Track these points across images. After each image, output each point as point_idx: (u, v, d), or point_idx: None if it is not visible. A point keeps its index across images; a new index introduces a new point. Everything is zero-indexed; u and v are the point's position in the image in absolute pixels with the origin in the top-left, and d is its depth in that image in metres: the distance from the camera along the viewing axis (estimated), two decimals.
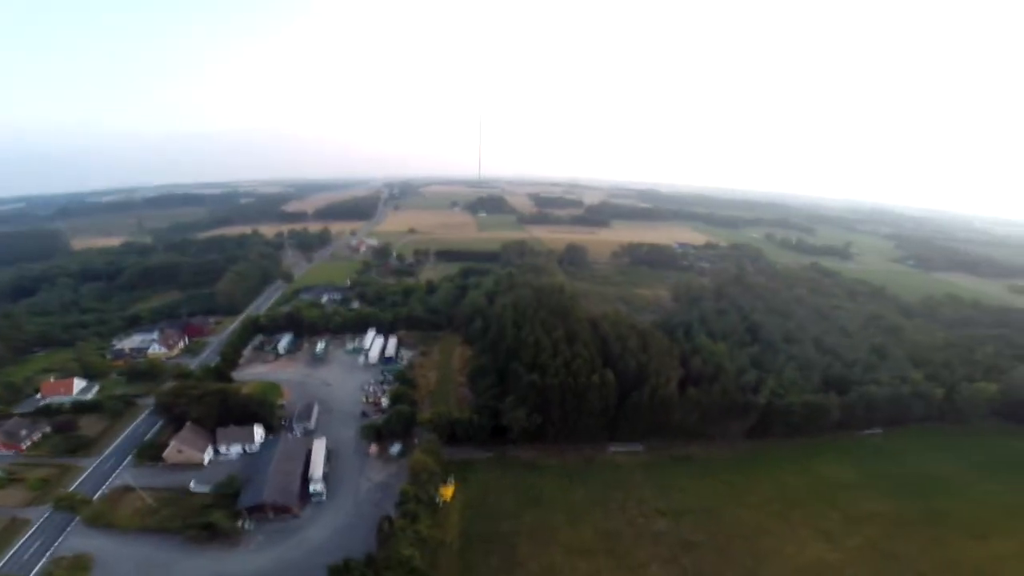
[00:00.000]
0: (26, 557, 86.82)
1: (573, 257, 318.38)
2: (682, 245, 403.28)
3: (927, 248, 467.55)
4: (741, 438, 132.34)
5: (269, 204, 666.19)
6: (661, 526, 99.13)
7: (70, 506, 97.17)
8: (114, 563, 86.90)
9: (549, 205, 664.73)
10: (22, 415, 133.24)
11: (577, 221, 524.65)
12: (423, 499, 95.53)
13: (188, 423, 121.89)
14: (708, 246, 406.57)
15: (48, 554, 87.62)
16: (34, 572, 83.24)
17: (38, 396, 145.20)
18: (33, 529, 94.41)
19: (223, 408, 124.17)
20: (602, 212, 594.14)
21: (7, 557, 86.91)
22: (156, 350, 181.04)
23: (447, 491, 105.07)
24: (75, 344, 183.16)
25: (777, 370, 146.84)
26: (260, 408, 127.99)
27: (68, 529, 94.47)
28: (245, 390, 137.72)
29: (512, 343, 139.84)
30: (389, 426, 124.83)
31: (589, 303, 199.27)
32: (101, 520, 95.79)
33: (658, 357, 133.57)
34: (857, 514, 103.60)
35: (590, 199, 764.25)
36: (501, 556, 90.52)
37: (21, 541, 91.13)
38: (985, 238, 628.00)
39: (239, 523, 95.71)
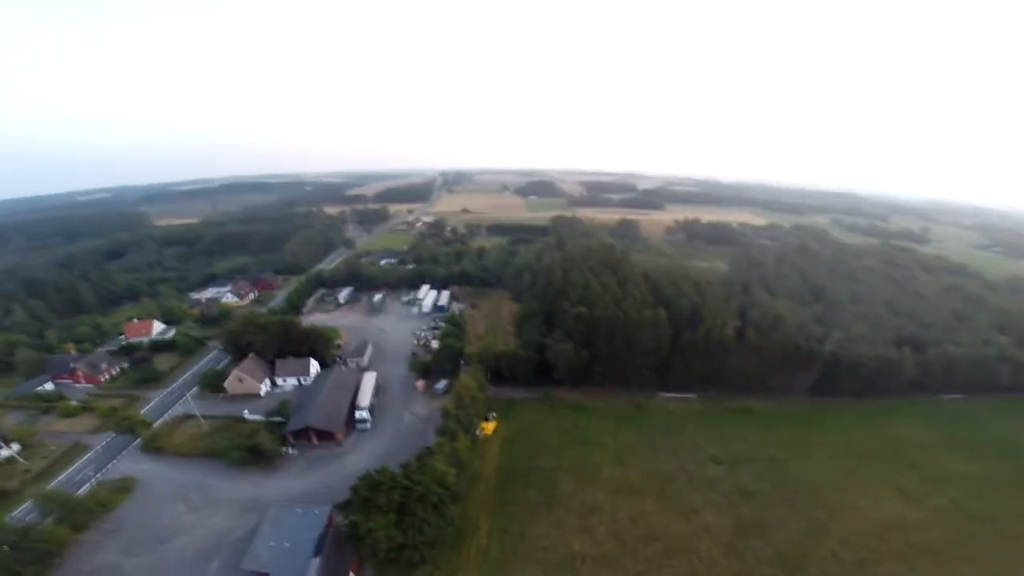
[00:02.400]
0: (78, 478, 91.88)
1: (625, 231, 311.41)
2: (742, 225, 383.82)
3: (1016, 235, 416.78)
4: (805, 394, 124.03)
5: (331, 191, 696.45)
6: (716, 472, 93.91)
7: (130, 427, 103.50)
8: (157, 485, 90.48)
9: (601, 190, 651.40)
10: (105, 352, 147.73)
11: (629, 204, 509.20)
12: (463, 421, 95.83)
13: (250, 355, 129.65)
14: (770, 226, 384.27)
15: (99, 476, 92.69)
16: (80, 491, 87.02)
17: (121, 337, 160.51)
18: (91, 453, 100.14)
19: (284, 339, 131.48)
20: (657, 196, 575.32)
21: (61, 477, 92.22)
22: (228, 299, 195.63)
23: (488, 426, 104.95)
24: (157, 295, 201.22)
25: (843, 326, 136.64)
26: (317, 342, 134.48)
27: (122, 454, 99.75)
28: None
29: (560, 286, 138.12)
30: (437, 362, 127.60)
31: (640, 260, 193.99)
32: (155, 445, 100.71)
33: (713, 302, 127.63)
34: (938, 474, 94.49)
35: (644, 186, 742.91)
36: (540, 490, 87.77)
37: (77, 463, 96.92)
38: None
39: (284, 448, 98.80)
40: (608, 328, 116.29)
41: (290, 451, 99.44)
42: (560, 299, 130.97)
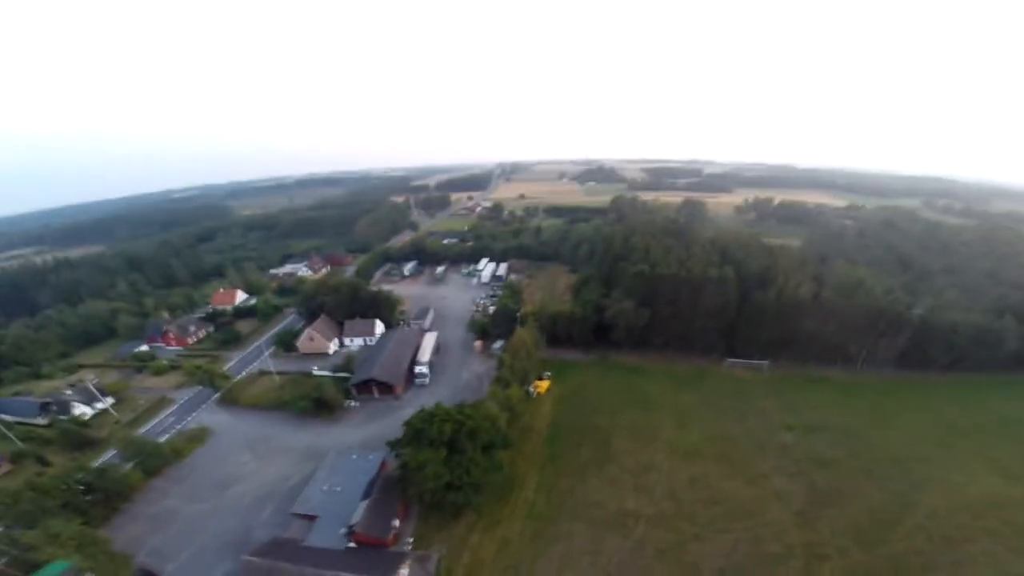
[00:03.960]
0: (160, 429, 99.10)
1: (690, 211, 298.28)
2: (819, 205, 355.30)
3: None
4: (890, 365, 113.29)
5: (396, 183, 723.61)
6: (787, 439, 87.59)
7: (210, 380, 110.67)
8: (228, 434, 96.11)
9: (663, 175, 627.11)
10: (194, 317, 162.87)
11: (695, 188, 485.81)
12: (517, 372, 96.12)
13: (322, 316, 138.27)
14: (850, 207, 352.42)
15: (178, 427, 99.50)
16: (162, 440, 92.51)
17: (209, 306, 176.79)
18: (174, 407, 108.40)
19: (353, 301, 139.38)
20: (725, 180, 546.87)
21: (145, 428, 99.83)
22: (303, 272, 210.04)
23: (542, 384, 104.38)
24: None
25: (936, 293, 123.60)
26: (383, 305, 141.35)
27: (202, 407, 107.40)
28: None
29: (619, 250, 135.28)
30: (494, 323, 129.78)
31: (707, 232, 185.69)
32: (231, 397, 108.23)
33: (787, 264, 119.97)
34: None
35: (711, 172, 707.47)
36: (593, 448, 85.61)
37: (162, 415, 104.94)
38: None
39: (346, 400, 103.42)
40: (671, 286, 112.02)
41: (352, 403, 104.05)
42: (619, 261, 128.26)
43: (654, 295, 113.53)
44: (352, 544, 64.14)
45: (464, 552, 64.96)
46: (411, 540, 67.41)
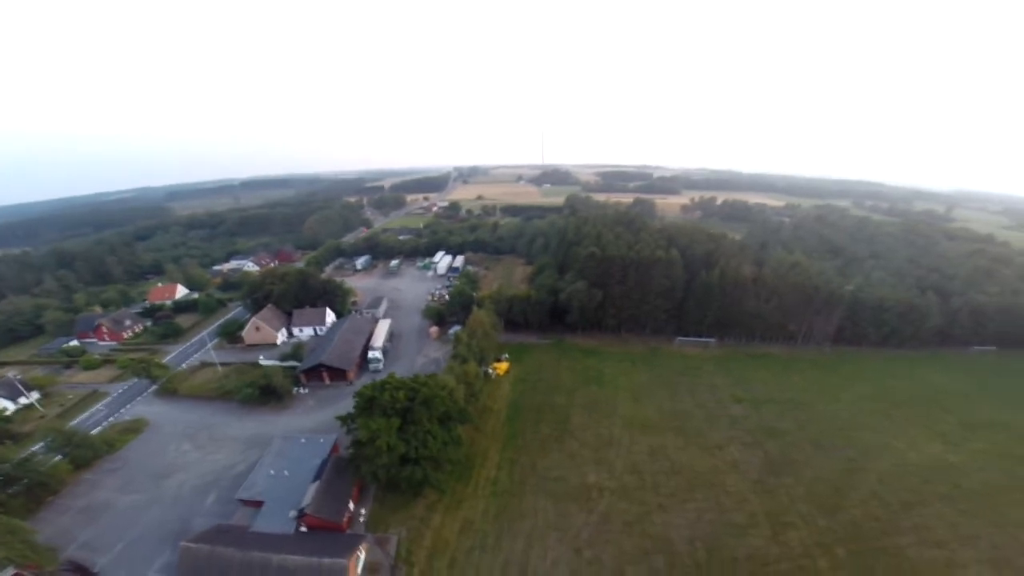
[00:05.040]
0: (91, 422, 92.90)
1: (640, 209, 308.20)
2: (759, 205, 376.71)
3: None
4: (828, 342, 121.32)
5: (349, 185, 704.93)
6: (738, 411, 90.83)
7: (146, 371, 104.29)
8: (166, 425, 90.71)
9: (616, 178, 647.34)
10: (129, 311, 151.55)
11: (645, 190, 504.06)
12: (474, 350, 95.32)
13: (268, 305, 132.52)
14: (788, 207, 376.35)
15: (111, 419, 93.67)
16: (94, 432, 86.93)
17: (146, 302, 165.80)
18: (107, 400, 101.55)
19: (302, 289, 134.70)
20: (673, 183, 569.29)
21: (75, 421, 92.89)
22: (249, 267, 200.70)
23: (500, 366, 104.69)
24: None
25: (864, 275, 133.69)
26: (334, 293, 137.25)
27: (137, 399, 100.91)
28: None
29: (573, 236, 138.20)
30: (450, 308, 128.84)
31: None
32: (170, 388, 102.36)
33: (729, 249, 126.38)
34: (976, 420, 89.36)
35: (660, 176, 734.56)
36: (552, 425, 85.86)
37: (94, 408, 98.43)
38: None
39: (295, 387, 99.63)
40: (621, 267, 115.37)
41: (302, 390, 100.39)
42: (572, 247, 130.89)
43: (606, 276, 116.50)
44: (303, 528, 60.85)
45: (426, 533, 62.62)
46: (366, 522, 64.16)
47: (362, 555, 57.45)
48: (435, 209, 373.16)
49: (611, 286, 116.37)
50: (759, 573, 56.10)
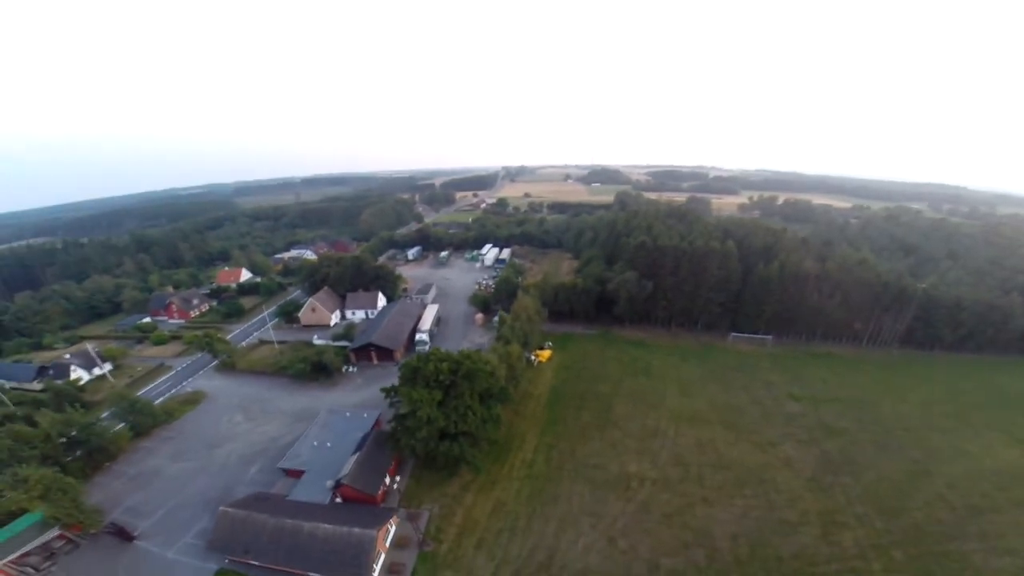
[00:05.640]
0: (156, 392, 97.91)
1: (694, 207, 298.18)
2: (824, 206, 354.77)
3: None
4: (897, 342, 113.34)
5: (401, 183, 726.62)
6: (794, 408, 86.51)
7: (209, 345, 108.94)
8: (223, 398, 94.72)
9: (669, 178, 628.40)
10: (197, 291, 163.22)
11: (700, 190, 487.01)
12: (518, 332, 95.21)
13: (324, 288, 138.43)
14: (856, 208, 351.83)
15: (173, 391, 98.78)
16: (157, 402, 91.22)
17: (213, 284, 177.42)
18: (172, 373, 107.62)
19: (356, 274, 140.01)
20: (731, 183, 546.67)
21: (143, 391, 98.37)
22: (308, 256, 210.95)
23: (543, 354, 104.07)
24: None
25: (939, 273, 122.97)
26: (386, 278, 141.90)
27: (199, 372, 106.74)
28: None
29: (623, 228, 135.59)
30: (496, 296, 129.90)
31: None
32: (229, 363, 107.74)
33: (788, 244, 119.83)
34: None
35: (716, 176, 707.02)
36: (594, 412, 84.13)
37: (159, 380, 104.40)
38: None
39: (345, 366, 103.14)
40: (673, 258, 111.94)
41: (351, 368, 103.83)
42: (622, 239, 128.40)
43: (656, 267, 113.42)
44: (339, 499, 61.91)
45: (457, 511, 62.27)
46: (400, 497, 64.84)
47: (392, 528, 58.00)
48: (483, 206, 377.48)
49: (662, 277, 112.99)
50: (804, 573, 52.61)
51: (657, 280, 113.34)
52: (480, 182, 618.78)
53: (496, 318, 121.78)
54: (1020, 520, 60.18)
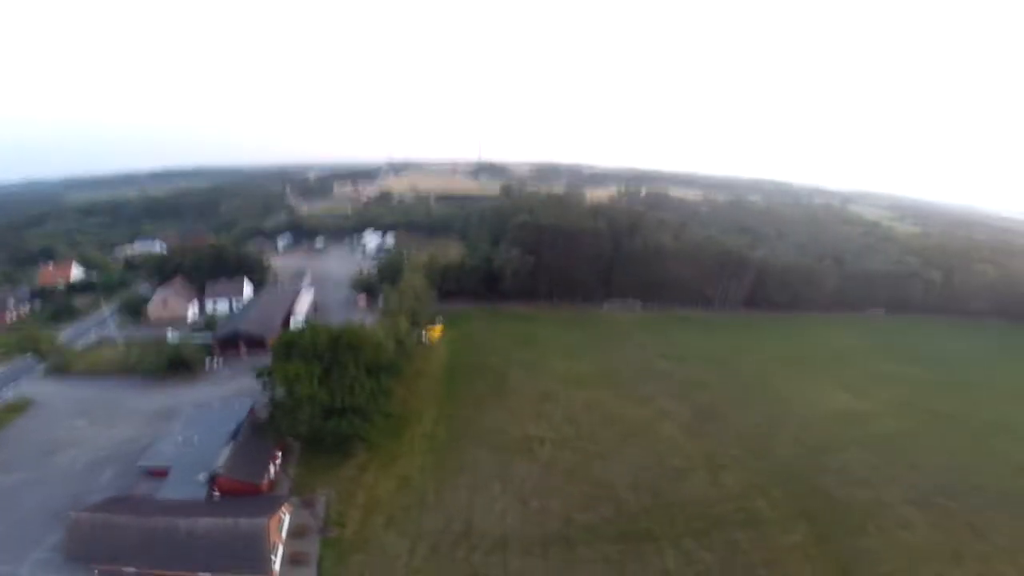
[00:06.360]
0: None
1: (571, 194, 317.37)
2: (680, 198, 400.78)
3: (927, 213, 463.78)
4: (741, 305, 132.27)
5: (271, 176, 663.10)
6: (665, 366, 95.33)
7: (33, 347, 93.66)
8: (56, 404, 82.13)
9: (550, 173, 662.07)
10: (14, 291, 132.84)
11: (576, 184, 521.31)
12: (405, 308, 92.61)
13: (177, 277, 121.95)
14: (706, 199, 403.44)
15: None
16: None
17: (35, 285, 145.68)
18: None
19: (216, 262, 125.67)
20: (603, 178, 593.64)
21: None
22: (158, 250, 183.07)
23: (434, 331, 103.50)
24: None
25: (771, 248, 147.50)
26: (253, 264, 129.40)
27: (21, 379, 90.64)
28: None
29: (508, 213, 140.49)
30: (380, 275, 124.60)
31: None
32: (60, 367, 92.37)
33: (651, 222, 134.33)
34: (878, 373, 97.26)
35: (591, 172, 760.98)
36: (489, 382, 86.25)
37: None
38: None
39: (208, 360, 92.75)
40: (552, 235, 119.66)
41: (216, 362, 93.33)
42: (507, 220, 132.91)
43: (537, 244, 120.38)
44: (216, 495, 55.29)
45: (357, 492, 58.55)
46: (290, 486, 59.39)
47: (286, 517, 52.94)
48: (364, 199, 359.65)
49: (542, 253, 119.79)
50: (705, 515, 55.94)
51: (538, 256, 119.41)
52: (361, 176, 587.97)
53: (380, 300, 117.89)
54: (862, 457, 68.20)
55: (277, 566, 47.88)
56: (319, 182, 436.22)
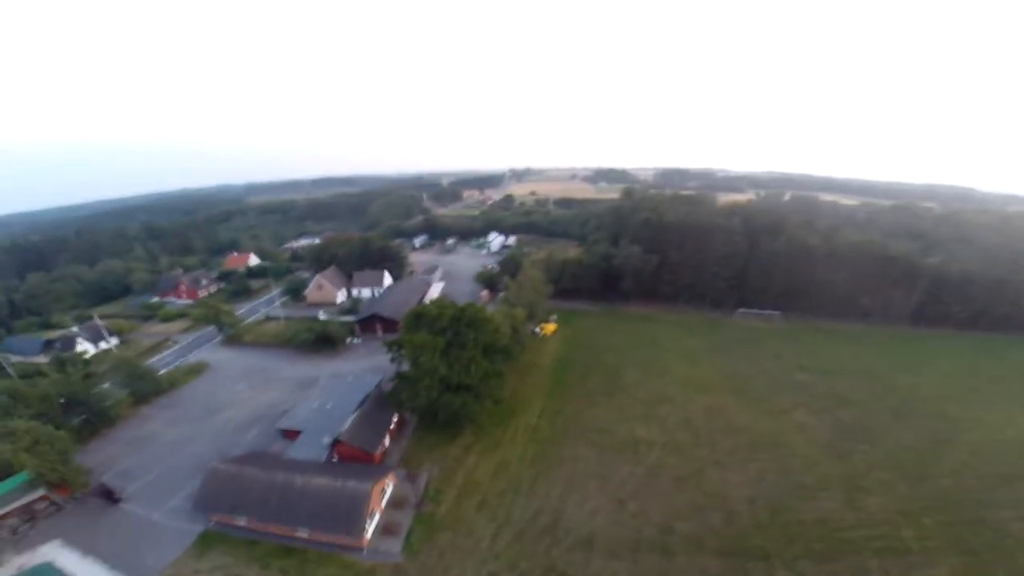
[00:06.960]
0: (161, 364, 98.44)
1: (700, 196, 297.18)
2: (833, 203, 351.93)
3: None
4: (907, 320, 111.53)
5: (409, 182, 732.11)
6: (805, 379, 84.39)
7: (215, 317, 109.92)
8: (226, 368, 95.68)
9: (675, 177, 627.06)
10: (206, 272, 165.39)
11: (706, 188, 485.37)
12: (523, 299, 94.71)
13: (331, 266, 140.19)
14: (864, 205, 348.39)
15: (177, 362, 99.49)
16: (161, 372, 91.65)
17: (223, 269, 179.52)
18: (177, 347, 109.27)
19: (363, 253, 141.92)
20: (738, 182, 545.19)
21: (149, 361, 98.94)
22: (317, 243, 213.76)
23: (548, 327, 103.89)
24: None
25: (950, 254, 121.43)
26: (392, 257, 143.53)
27: (204, 346, 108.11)
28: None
29: (627, 210, 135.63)
30: (502, 272, 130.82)
31: None
32: (234, 337, 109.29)
33: (796, 220, 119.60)
34: None
35: (723, 176, 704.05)
36: (601, 380, 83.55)
37: (164, 353, 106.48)
38: None
39: (350, 337, 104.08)
40: (678, 233, 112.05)
41: (355, 340, 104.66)
42: (626, 220, 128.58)
43: (661, 243, 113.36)
44: (335, 459, 60.88)
45: (458, 472, 60.85)
46: (401, 458, 63.91)
47: (389, 487, 56.22)
48: (489, 202, 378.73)
49: (667, 253, 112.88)
50: (831, 538, 50.05)
51: (662, 256, 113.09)
52: (486, 182, 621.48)
53: (501, 296, 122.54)
54: None
55: (369, 533, 50.39)
56: (451, 188, 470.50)
